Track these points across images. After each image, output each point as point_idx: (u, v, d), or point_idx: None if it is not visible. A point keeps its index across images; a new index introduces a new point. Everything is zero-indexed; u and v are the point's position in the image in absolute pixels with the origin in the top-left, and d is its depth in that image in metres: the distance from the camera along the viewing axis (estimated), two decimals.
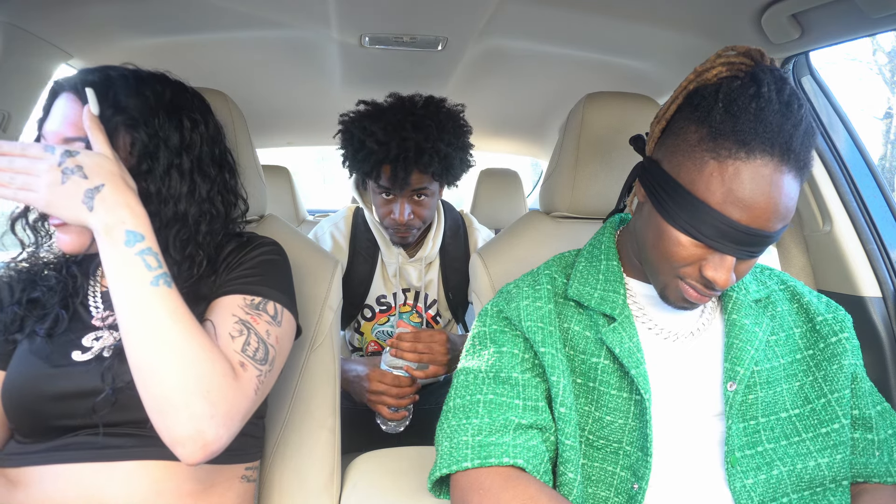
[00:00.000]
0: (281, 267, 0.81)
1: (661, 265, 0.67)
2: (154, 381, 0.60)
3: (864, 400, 0.74)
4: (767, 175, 0.59)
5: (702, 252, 0.64)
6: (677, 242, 0.64)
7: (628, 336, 0.71)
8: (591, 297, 0.75)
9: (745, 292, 0.76)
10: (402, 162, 1.18)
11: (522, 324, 0.74)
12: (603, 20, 1.15)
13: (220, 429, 0.61)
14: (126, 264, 0.62)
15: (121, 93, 0.70)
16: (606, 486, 0.70)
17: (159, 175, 0.72)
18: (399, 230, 1.30)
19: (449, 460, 0.67)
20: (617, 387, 0.71)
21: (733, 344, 0.71)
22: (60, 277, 0.78)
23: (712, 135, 0.61)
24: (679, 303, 0.69)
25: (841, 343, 0.74)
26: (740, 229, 0.60)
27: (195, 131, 0.76)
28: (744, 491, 0.67)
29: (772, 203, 0.59)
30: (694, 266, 0.65)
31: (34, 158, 0.62)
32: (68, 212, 0.62)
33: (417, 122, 1.19)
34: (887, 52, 5.66)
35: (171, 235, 0.72)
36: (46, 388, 0.69)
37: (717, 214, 0.60)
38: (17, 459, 0.69)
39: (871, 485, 0.72)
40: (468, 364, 0.75)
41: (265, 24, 1.23)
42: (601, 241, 0.81)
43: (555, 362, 0.71)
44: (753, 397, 0.70)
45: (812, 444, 0.70)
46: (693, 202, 0.62)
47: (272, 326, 0.73)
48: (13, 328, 0.74)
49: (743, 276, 0.66)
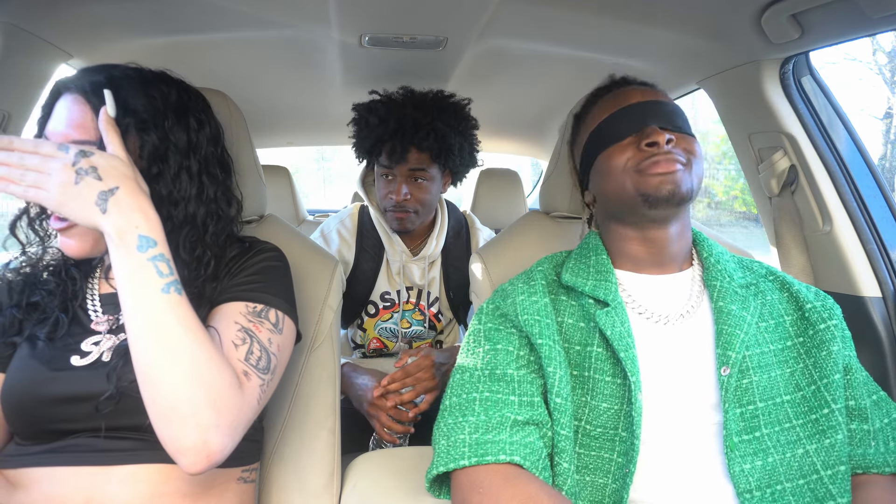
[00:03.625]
0: (282, 273, 0.81)
1: (622, 187, 0.76)
2: (161, 389, 0.59)
3: (859, 390, 0.75)
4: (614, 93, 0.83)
5: (630, 145, 0.76)
6: (610, 159, 0.78)
7: (620, 320, 0.73)
8: (585, 283, 0.78)
9: (728, 280, 0.78)
10: (400, 137, 1.26)
11: (520, 318, 0.75)
12: (603, 20, 1.15)
13: (225, 439, 0.60)
14: (138, 270, 0.61)
15: (129, 94, 0.69)
16: (604, 473, 0.70)
17: (170, 178, 0.71)
18: (396, 210, 1.32)
19: (446, 458, 0.67)
20: (611, 373, 0.72)
21: (723, 330, 0.73)
22: (60, 280, 0.77)
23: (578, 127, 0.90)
24: (660, 183, 0.73)
25: (829, 330, 0.75)
26: (631, 108, 0.78)
27: (201, 131, 0.76)
28: (742, 475, 0.68)
29: (635, 90, 0.81)
30: (633, 157, 0.75)
31: (46, 156, 0.60)
32: (80, 213, 0.61)
33: (418, 103, 1.29)
34: (887, 52, 5.66)
35: (182, 237, 0.72)
36: (46, 392, 0.68)
37: (609, 119, 0.79)
38: (16, 461, 0.69)
39: (870, 475, 0.73)
40: (464, 362, 0.76)
41: (265, 24, 1.23)
42: (588, 241, 0.85)
43: (552, 353, 0.72)
44: (748, 381, 0.72)
45: (802, 430, 0.71)
46: (593, 138, 0.82)
47: (274, 334, 0.73)
48: (12, 331, 0.74)
49: (689, 146, 0.75)
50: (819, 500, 0.68)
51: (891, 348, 1.06)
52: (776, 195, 1.22)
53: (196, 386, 0.59)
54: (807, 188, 1.16)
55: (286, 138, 2.47)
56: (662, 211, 0.74)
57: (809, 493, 0.69)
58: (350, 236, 1.43)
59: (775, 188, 1.21)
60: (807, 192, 1.16)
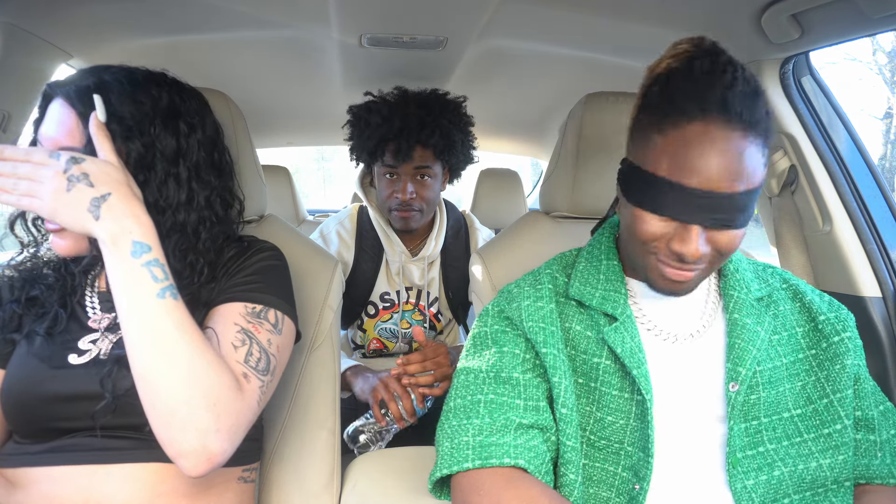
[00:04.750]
0: (281, 273, 0.80)
1: (637, 248, 0.68)
2: (159, 394, 0.59)
3: (866, 401, 0.74)
4: (709, 133, 0.60)
5: (668, 226, 0.64)
6: (642, 220, 0.65)
7: (630, 336, 0.71)
8: (593, 296, 0.74)
9: (746, 291, 0.75)
10: (405, 135, 1.25)
11: (524, 324, 0.73)
12: (603, 20, 1.15)
13: (225, 443, 0.60)
14: (132, 276, 0.61)
15: (116, 100, 0.69)
16: (608, 487, 0.70)
17: (156, 186, 0.70)
18: (401, 209, 1.33)
19: (450, 461, 0.67)
20: (618, 387, 0.71)
21: (735, 344, 0.70)
22: (59, 275, 0.77)
23: (654, 113, 0.64)
24: (663, 283, 0.68)
25: (843, 343, 0.73)
26: (696, 194, 0.60)
27: (192, 136, 0.75)
28: (744, 492, 0.66)
29: (721, 161, 0.59)
30: (663, 241, 0.65)
31: (38, 164, 0.61)
32: (73, 220, 0.61)
33: (420, 101, 1.28)
34: (887, 52, 5.66)
35: (171, 245, 0.71)
36: (45, 390, 0.68)
37: (669, 183, 0.61)
38: (15, 460, 0.69)
39: (874, 486, 0.72)
40: (468, 364, 0.75)
41: (265, 24, 1.23)
42: (601, 242, 0.80)
43: (556, 363, 0.71)
44: (755, 397, 0.70)
45: (814, 444, 0.70)
46: (647, 178, 0.64)
47: (273, 335, 0.72)
48: (12, 326, 0.74)
49: (726, 249, 0.65)
50: None
51: (891, 348, 1.06)
52: (776, 195, 1.22)
53: (194, 390, 0.59)
54: (807, 188, 1.16)
55: (286, 138, 2.47)
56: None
57: None
58: (349, 237, 1.43)
59: (775, 188, 1.21)
60: (807, 192, 1.16)
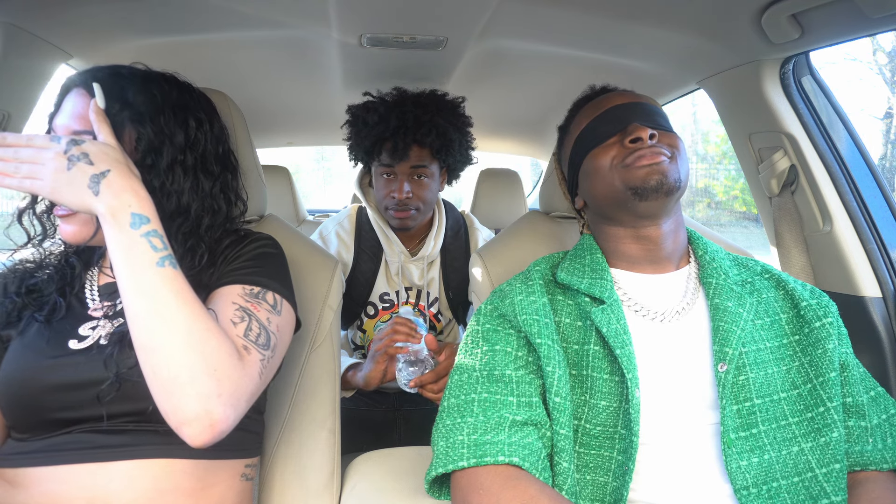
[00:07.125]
0: (278, 259, 0.82)
1: (610, 180, 0.77)
2: (161, 361, 0.60)
3: (855, 387, 0.75)
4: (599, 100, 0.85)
5: (614, 144, 0.78)
6: (598, 158, 0.79)
7: (616, 318, 0.73)
8: (580, 282, 0.79)
9: (724, 277, 0.78)
10: (402, 133, 1.26)
11: (518, 318, 0.75)
12: (603, 20, 1.15)
13: (227, 408, 0.61)
14: (132, 246, 0.62)
15: (129, 89, 0.72)
16: (604, 472, 0.71)
17: (163, 169, 0.73)
18: (398, 208, 1.33)
19: (445, 460, 0.67)
20: (608, 371, 0.73)
21: (719, 326, 0.73)
22: (59, 267, 0.79)
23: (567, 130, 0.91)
24: (647, 174, 0.73)
25: (825, 328, 0.75)
26: (618, 109, 0.80)
27: (200, 130, 0.78)
28: (738, 472, 0.68)
29: (618, 95, 0.83)
30: (619, 153, 0.77)
31: (40, 148, 0.63)
32: (73, 197, 0.62)
33: (418, 100, 1.30)
34: (887, 52, 5.66)
35: (174, 228, 0.74)
36: (46, 379, 0.69)
37: (597, 118, 0.81)
38: (15, 460, 0.69)
39: (868, 472, 0.73)
40: (462, 363, 0.76)
41: (265, 24, 1.23)
42: (583, 242, 0.86)
43: (551, 353, 0.72)
44: (744, 378, 0.72)
45: (797, 428, 0.72)
46: (583, 138, 0.83)
47: (272, 315, 0.74)
48: (12, 317, 0.75)
49: (663, 126, 0.78)
50: (813, 498, 0.69)
51: (891, 348, 1.06)
52: (776, 195, 1.22)
53: (194, 355, 0.60)
54: (807, 188, 1.16)
55: (286, 138, 2.47)
56: (653, 202, 0.74)
57: (804, 490, 0.69)
58: (348, 237, 1.43)
59: (775, 188, 1.21)
60: (807, 192, 1.16)
